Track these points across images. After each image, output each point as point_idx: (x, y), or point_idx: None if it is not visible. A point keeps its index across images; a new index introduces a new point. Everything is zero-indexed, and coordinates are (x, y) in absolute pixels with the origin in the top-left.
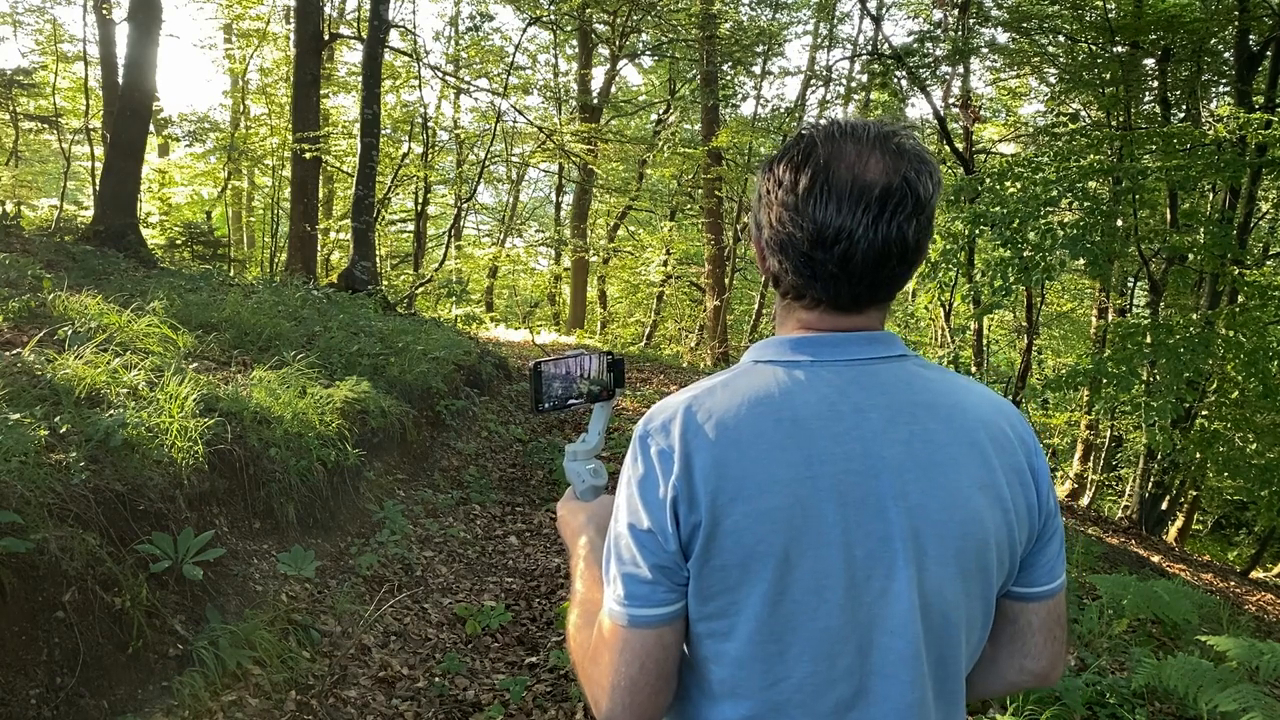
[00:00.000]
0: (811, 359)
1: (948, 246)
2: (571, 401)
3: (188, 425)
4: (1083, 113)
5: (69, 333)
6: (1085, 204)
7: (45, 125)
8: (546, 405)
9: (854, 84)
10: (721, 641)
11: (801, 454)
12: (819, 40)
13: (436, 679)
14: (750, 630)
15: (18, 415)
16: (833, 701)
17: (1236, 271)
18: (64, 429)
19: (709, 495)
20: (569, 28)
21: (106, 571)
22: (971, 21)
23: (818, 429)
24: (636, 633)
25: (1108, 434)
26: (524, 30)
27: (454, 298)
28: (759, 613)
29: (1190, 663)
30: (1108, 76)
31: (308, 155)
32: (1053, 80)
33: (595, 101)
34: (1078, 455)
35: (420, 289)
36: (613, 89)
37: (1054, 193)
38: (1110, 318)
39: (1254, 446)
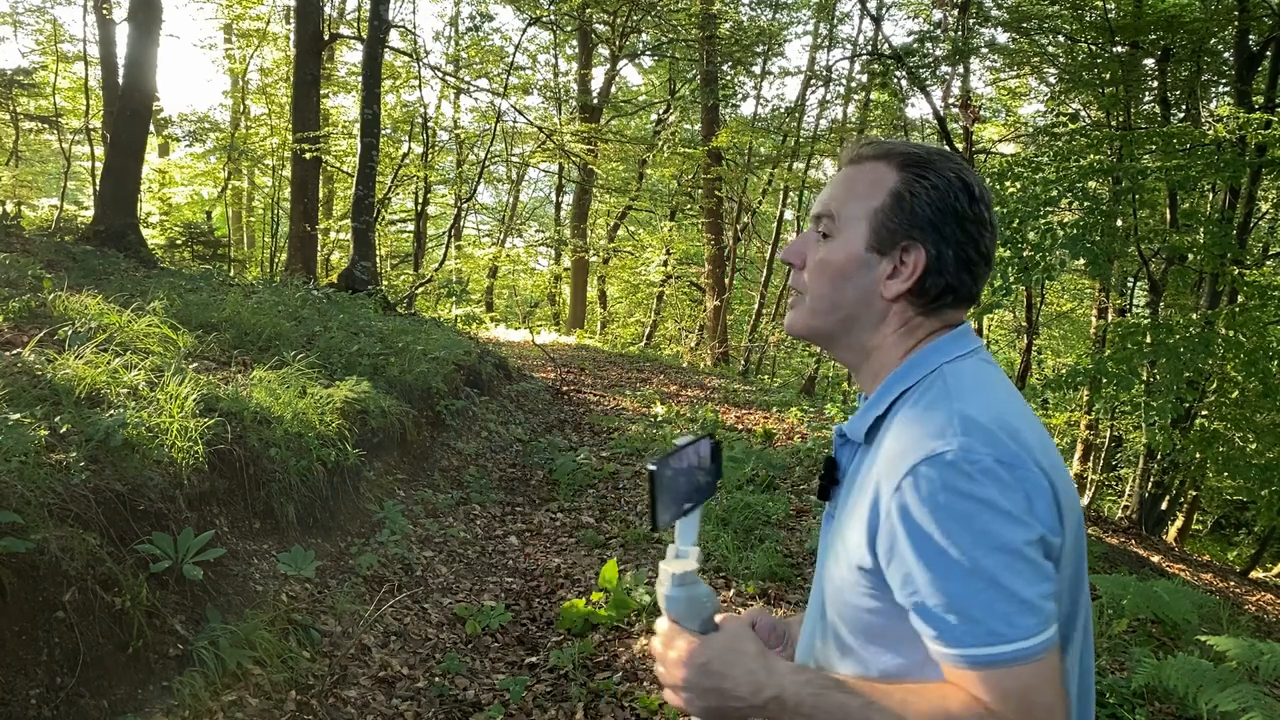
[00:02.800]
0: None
1: None
2: (688, 504)
3: (188, 425)
4: (1083, 113)
5: (69, 333)
6: (1085, 204)
7: (45, 125)
8: (668, 517)
9: (854, 84)
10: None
11: (1052, 445)
12: (819, 40)
13: (436, 679)
14: (1078, 641)
15: (18, 415)
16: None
17: (1236, 271)
18: (64, 429)
19: (1067, 502)
20: (569, 28)
21: (106, 571)
22: (971, 21)
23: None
24: (1057, 654)
25: (1108, 434)
26: (524, 30)
27: (454, 298)
28: (1080, 621)
29: (1190, 663)
30: (1108, 76)
31: (308, 155)
32: (1053, 80)
33: (595, 101)
34: (1078, 455)
35: (420, 289)
36: (613, 89)
37: (1054, 193)
38: (1110, 318)
39: (1254, 446)
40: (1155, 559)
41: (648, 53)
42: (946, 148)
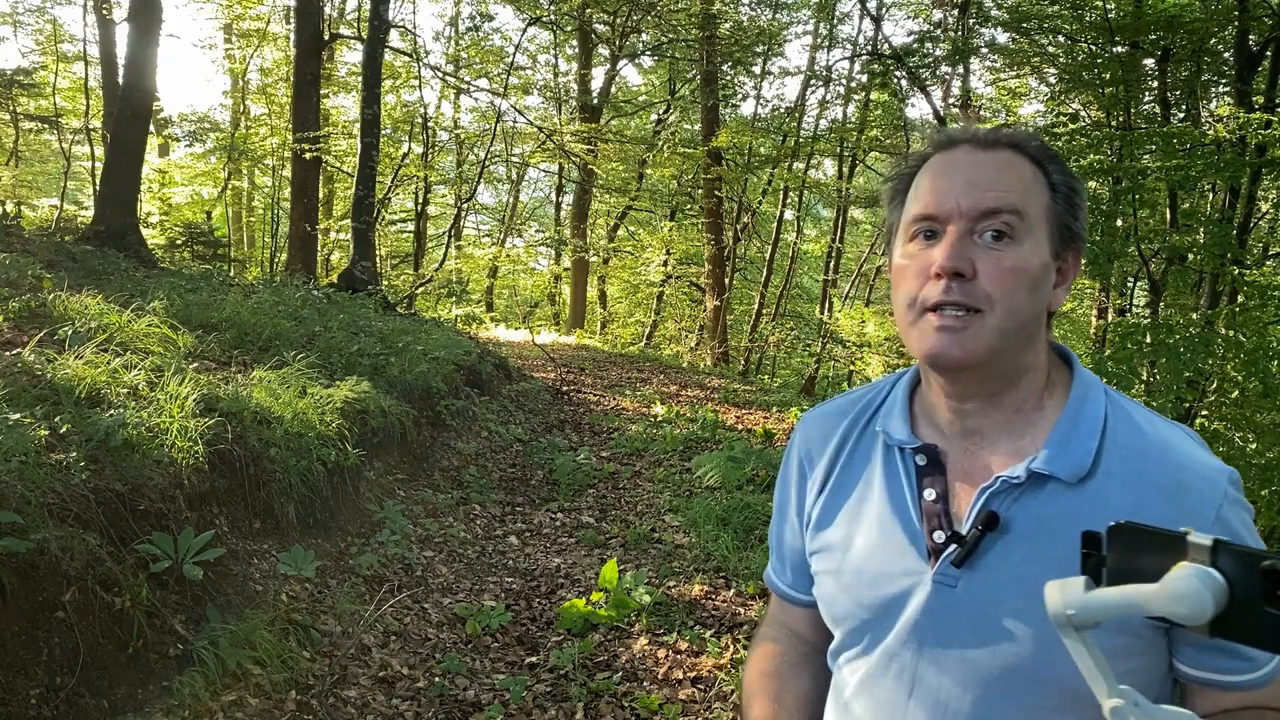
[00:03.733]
0: None
1: None
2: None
3: (188, 425)
4: (1083, 113)
5: (69, 333)
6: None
7: (45, 125)
8: None
9: (854, 84)
10: None
11: None
12: (819, 40)
13: (436, 679)
14: None
15: (18, 415)
16: None
17: (1236, 271)
18: (64, 429)
19: None
20: (569, 28)
21: (106, 571)
22: (971, 21)
23: None
24: None
25: None
26: (524, 30)
27: (454, 298)
28: None
29: None
30: (1108, 76)
31: (308, 155)
32: (1053, 80)
33: (595, 101)
34: None
35: (420, 289)
36: (613, 89)
37: None
38: (1110, 318)
39: (1254, 446)
40: None
41: (648, 53)
42: None
